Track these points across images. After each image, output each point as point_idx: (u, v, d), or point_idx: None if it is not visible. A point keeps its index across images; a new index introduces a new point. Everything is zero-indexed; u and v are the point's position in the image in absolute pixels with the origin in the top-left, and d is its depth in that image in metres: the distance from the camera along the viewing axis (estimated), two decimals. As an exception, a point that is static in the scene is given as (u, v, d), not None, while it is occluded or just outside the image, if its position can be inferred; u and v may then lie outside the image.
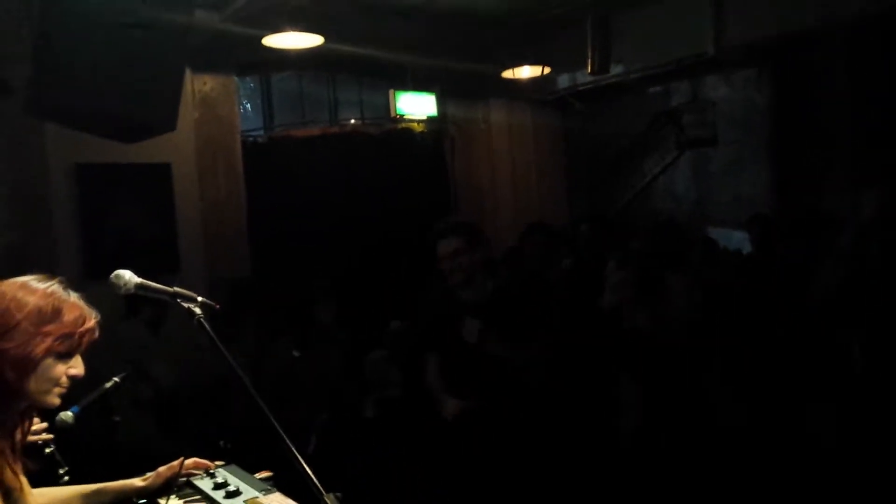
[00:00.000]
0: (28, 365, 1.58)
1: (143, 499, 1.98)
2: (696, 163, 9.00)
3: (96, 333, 1.71)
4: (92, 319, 1.70)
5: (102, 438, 2.65)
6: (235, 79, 6.62)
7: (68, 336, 1.63)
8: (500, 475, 3.26)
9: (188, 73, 5.95)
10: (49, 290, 1.66)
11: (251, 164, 6.57)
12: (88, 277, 4.48)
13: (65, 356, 1.65)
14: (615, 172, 9.56)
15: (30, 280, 1.67)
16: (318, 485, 1.65)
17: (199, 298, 1.84)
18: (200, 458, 2.19)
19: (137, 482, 2.03)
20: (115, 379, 2.62)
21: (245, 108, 7.20)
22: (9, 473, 1.71)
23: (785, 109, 7.94)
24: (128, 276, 1.77)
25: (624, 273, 4.09)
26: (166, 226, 5.91)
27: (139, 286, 1.77)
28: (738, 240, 6.98)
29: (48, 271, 1.92)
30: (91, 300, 1.78)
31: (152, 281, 1.82)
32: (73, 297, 1.70)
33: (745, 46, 6.90)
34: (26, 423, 1.73)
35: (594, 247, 5.27)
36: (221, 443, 2.63)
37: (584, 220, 5.76)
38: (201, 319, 1.80)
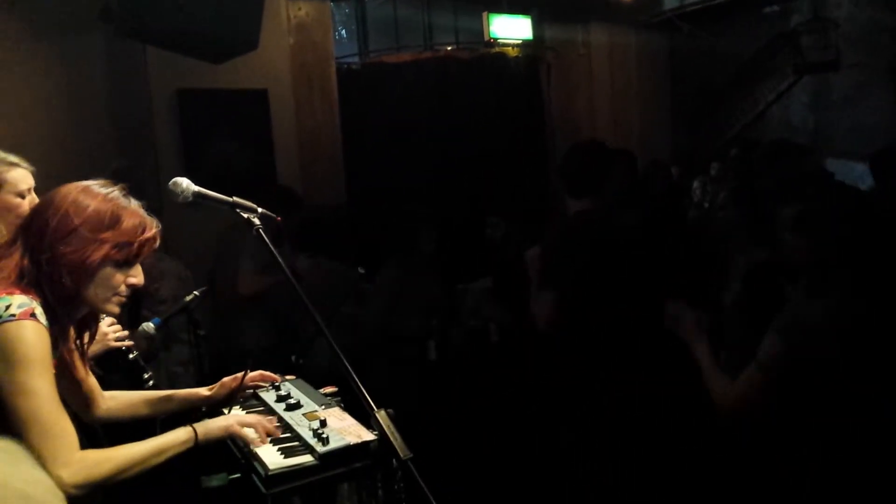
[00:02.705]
0: (84, 271, 1.56)
1: (208, 407, 2.02)
2: (815, 89, 8.42)
3: (156, 243, 1.68)
4: (152, 228, 1.67)
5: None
6: (331, 4, 6.58)
7: (126, 244, 1.60)
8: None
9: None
10: (110, 195, 1.63)
11: (345, 90, 6.56)
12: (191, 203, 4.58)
13: (123, 265, 1.62)
14: (725, 100, 9.07)
15: (92, 184, 1.64)
16: (370, 401, 1.63)
17: (259, 210, 1.83)
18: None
19: (203, 391, 2.05)
20: (196, 293, 2.69)
21: (340, 34, 7.17)
22: (80, 372, 1.79)
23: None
24: (185, 183, 1.77)
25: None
26: (265, 151, 5.99)
27: (196, 194, 1.78)
28: (859, 173, 6.50)
29: (153, 197, 1.94)
30: (196, 225, 1.78)
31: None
32: (134, 204, 1.66)
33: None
34: (93, 328, 1.78)
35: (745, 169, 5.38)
36: (293, 357, 2.67)
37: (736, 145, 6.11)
38: (260, 230, 1.80)
